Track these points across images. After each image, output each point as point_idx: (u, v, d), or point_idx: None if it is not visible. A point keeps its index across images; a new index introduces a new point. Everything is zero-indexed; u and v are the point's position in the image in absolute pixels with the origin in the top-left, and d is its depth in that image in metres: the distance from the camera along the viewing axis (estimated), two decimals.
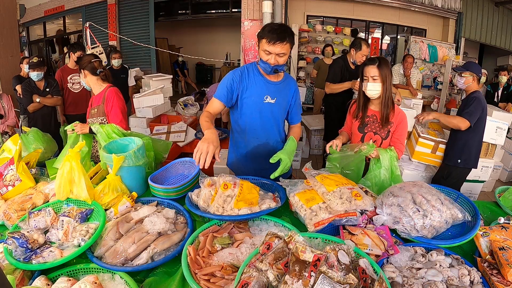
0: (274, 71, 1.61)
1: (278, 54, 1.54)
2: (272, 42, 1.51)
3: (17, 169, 1.55)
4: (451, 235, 1.27)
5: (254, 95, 1.71)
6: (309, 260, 0.89)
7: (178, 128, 3.72)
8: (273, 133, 1.82)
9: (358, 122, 1.94)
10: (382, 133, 1.88)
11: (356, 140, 1.96)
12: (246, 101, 1.72)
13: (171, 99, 4.60)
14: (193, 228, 1.29)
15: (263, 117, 1.75)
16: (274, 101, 1.73)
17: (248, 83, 1.70)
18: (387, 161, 1.71)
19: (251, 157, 1.83)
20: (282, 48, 1.53)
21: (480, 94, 2.53)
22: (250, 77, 1.70)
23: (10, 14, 7.70)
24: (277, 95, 1.74)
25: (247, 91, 1.70)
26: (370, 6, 7.18)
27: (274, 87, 1.73)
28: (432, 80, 6.81)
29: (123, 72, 4.65)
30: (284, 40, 1.51)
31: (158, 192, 1.50)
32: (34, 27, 8.83)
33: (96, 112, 2.13)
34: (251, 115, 1.75)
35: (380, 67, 1.74)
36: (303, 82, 6.89)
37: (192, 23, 9.53)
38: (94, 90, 2.15)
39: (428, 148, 2.87)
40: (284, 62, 1.59)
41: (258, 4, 5.28)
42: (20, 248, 1.11)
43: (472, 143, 2.55)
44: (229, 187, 1.31)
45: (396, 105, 1.89)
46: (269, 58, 1.55)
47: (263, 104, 1.72)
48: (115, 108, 2.08)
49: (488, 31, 7.35)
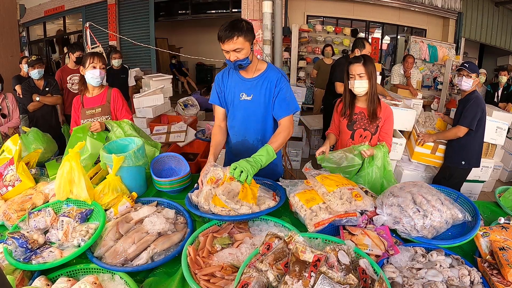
0: (239, 67, 1.59)
1: (233, 50, 1.54)
2: (222, 41, 1.53)
3: (17, 169, 1.55)
4: (451, 235, 1.27)
5: (231, 93, 1.73)
6: (309, 260, 0.89)
7: (178, 128, 3.72)
8: (252, 130, 1.78)
9: (346, 120, 1.97)
10: (371, 129, 1.91)
11: (346, 138, 1.98)
12: (226, 101, 1.77)
13: (171, 99, 4.60)
14: (193, 228, 1.29)
15: (240, 115, 1.75)
16: (251, 97, 1.70)
17: (227, 82, 1.75)
18: (380, 159, 1.75)
19: (234, 153, 1.86)
20: (235, 44, 1.51)
21: (478, 94, 2.54)
22: (230, 76, 1.74)
23: (10, 14, 7.71)
24: (253, 91, 1.70)
25: (227, 90, 1.75)
26: (370, 6, 7.18)
27: (249, 84, 1.71)
28: (432, 80, 6.82)
29: (123, 72, 4.65)
30: (232, 36, 1.50)
31: (164, 186, 1.58)
32: (34, 27, 8.84)
33: (99, 111, 2.14)
34: (230, 113, 1.78)
35: (365, 64, 1.80)
36: (303, 82, 6.89)
37: (192, 23, 9.53)
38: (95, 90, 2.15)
39: (428, 148, 2.87)
40: (245, 55, 1.56)
41: (258, 4, 5.29)
42: (20, 248, 1.11)
43: (474, 144, 2.55)
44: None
45: (381, 100, 1.92)
46: (229, 56, 1.57)
47: (239, 102, 1.72)
48: (126, 106, 2.21)
49: (488, 31, 7.35)
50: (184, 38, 10.32)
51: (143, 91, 4.22)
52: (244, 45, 1.53)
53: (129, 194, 1.46)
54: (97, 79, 2.07)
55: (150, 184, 1.68)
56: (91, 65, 2.03)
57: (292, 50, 6.61)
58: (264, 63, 1.74)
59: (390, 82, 5.15)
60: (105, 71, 2.12)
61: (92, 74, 2.04)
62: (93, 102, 2.15)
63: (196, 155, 3.33)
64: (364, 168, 1.76)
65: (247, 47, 1.55)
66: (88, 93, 2.16)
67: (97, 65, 2.03)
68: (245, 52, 1.55)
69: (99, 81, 2.08)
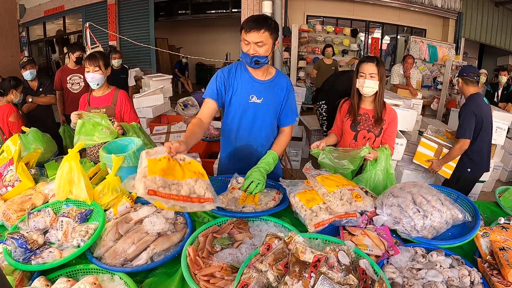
0: (255, 63, 1.53)
1: (256, 43, 1.49)
2: (248, 30, 1.48)
3: (16, 169, 1.55)
4: (451, 235, 1.27)
5: (239, 94, 1.64)
6: (309, 260, 0.89)
7: (178, 128, 3.73)
8: (257, 135, 1.72)
9: (350, 121, 1.94)
10: (375, 131, 1.89)
11: (349, 138, 1.96)
12: (231, 100, 1.66)
13: (171, 99, 4.61)
14: (192, 229, 1.29)
15: (247, 118, 1.67)
16: (261, 101, 1.65)
17: (234, 81, 1.64)
18: (383, 162, 1.72)
19: (236, 158, 1.77)
20: (260, 36, 1.47)
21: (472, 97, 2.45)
22: (237, 74, 1.64)
23: (10, 14, 7.70)
24: (265, 94, 1.65)
25: (233, 89, 1.64)
26: (370, 6, 7.19)
27: (261, 86, 1.65)
28: (432, 80, 6.82)
29: (123, 72, 4.65)
30: (260, 28, 1.46)
31: None
32: (34, 27, 8.84)
33: (103, 112, 2.13)
34: (234, 114, 1.68)
35: (378, 65, 1.77)
36: (303, 82, 6.89)
37: (192, 23, 9.54)
38: (100, 90, 2.15)
39: (431, 150, 2.77)
40: (266, 53, 1.52)
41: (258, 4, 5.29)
42: (20, 248, 1.11)
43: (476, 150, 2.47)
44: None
45: (386, 103, 1.91)
46: (248, 49, 1.51)
47: (247, 103, 1.64)
48: (133, 109, 2.23)
49: (488, 31, 7.35)
50: (184, 38, 10.32)
51: (143, 91, 4.23)
52: (268, 41, 1.50)
53: (129, 194, 1.46)
54: (92, 82, 2.07)
55: None
56: (86, 69, 2.07)
57: (292, 50, 6.61)
58: (273, 67, 1.72)
59: (390, 82, 5.15)
60: (102, 72, 2.08)
61: (88, 77, 2.06)
62: (99, 102, 2.16)
63: None
64: (366, 171, 1.73)
65: (269, 45, 1.52)
66: (94, 92, 2.18)
67: (90, 68, 2.03)
68: (266, 49, 1.51)
69: (95, 83, 2.08)
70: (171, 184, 1.04)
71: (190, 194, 1.04)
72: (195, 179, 1.09)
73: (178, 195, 1.01)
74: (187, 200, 1.01)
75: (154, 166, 1.03)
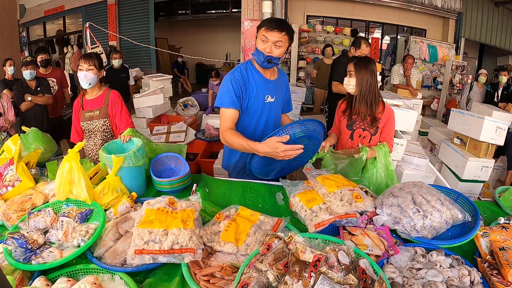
0: (268, 61, 1.55)
1: (274, 43, 1.52)
2: (270, 29, 1.51)
3: (16, 169, 1.55)
4: (451, 235, 1.27)
5: (255, 95, 1.66)
6: (309, 260, 0.89)
7: (178, 128, 3.73)
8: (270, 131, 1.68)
9: (346, 120, 1.97)
10: (371, 130, 1.91)
11: (345, 138, 1.98)
12: (248, 104, 1.66)
13: (171, 99, 4.60)
14: None
15: (263, 118, 1.71)
16: (274, 99, 1.73)
17: (249, 84, 1.65)
18: (382, 158, 1.74)
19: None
20: (280, 37, 1.52)
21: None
22: (250, 78, 1.66)
23: (10, 14, 7.70)
24: (276, 93, 1.73)
25: (250, 93, 1.65)
26: (370, 6, 7.18)
27: (273, 86, 1.71)
28: (432, 80, 6.82)
29: (124, 72, 4.66)
30: (282, 29, 1.52)
31: (164, 186, 1.58)
32: (34, 27, 8.84)
33: (97, 114, 2.11)
34: (252, 117, 1.69)
35: (356, 64, 1.81)
36: (303, 82, 6.89)
37: (192, 23, 9.54)
38: (93, 91, 2.13)
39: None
40: (280, 55, 1.56)
41: (258, 4, 5.29)
42: (20, 248, 1.11)
43: None
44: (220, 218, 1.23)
45: (384, 102, 1.92)
46: (265, 47, 1.53)
47: (264, 104, 1.69)
48: (124, 109, 2.17)
49: (488, 31, 7.35)
50: (184, 38, 10.32)
51: (143, 91, 4.23)
52: (284, 44, 1.56)
53: (129, 194, 1.46)
54: (84, 81, 2.03)
55: (150, 184, 1.68)
56: (79, 67, 2.03)
57: (292, 50, 6.61)
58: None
59: (390, 82, 5.15)
60: (96, 72, 2.04)
61: (80, 76, 2.02)
62: (92, 105, 2.13)
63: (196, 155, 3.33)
64: (367, 170, 1.73)
65: (284, 48, 1.57)
66: (87, 95, 2.15)
67: (84, 66, 2.00)
68: (281, 51, 1.57)
69: (87, 83, 2.03)
70: (157, 234, 1.08)
71: (173, 245, 1.07)
72: (179, 229, 1.10)
73: (161, 249, 1.06)
74: (169, 252, 1.06)
75: (147, 217, 1.13)
